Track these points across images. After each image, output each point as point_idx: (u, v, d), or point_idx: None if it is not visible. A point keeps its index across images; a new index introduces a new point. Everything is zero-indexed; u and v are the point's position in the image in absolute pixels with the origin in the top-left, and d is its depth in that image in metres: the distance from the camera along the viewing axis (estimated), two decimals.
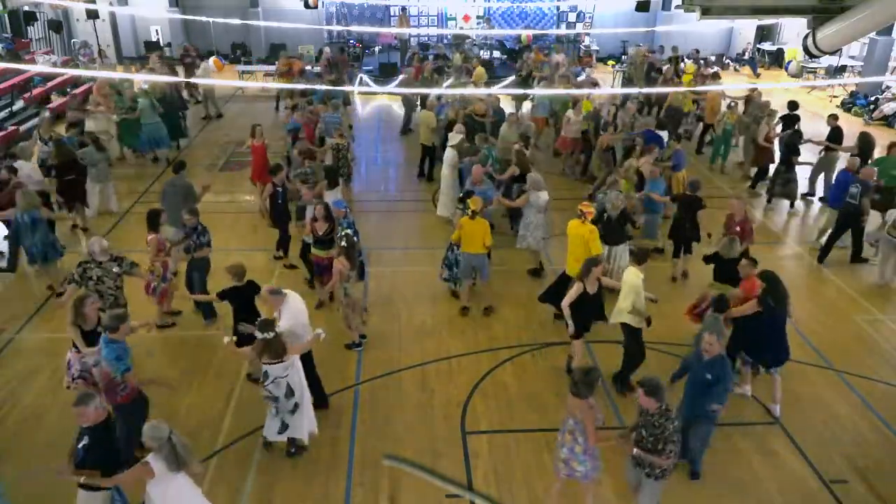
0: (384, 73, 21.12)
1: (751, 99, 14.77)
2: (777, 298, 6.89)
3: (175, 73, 17.86)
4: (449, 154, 11.48)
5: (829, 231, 10.66)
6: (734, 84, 19.70)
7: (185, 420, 7.04)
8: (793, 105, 13.97)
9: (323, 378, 7.74)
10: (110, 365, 5.93)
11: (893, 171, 11.10)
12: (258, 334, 6.07)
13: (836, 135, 12.58)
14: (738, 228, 8.67)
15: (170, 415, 7.09)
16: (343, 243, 7.80)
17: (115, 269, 7.53)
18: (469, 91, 15.05)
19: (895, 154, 11.29)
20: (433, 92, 14.98)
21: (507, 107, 19.42)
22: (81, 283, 7.38)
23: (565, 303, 7.20)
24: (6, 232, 9.87)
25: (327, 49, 20.30)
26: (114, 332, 5.95)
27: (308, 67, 19.18)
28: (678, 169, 11.33)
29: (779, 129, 13.58)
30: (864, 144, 11.90)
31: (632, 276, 7.18)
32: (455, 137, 11.63)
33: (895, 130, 17.78)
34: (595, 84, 16.75)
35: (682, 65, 19.71)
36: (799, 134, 12.68)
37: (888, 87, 19.82)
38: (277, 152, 13.01)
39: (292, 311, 6.65)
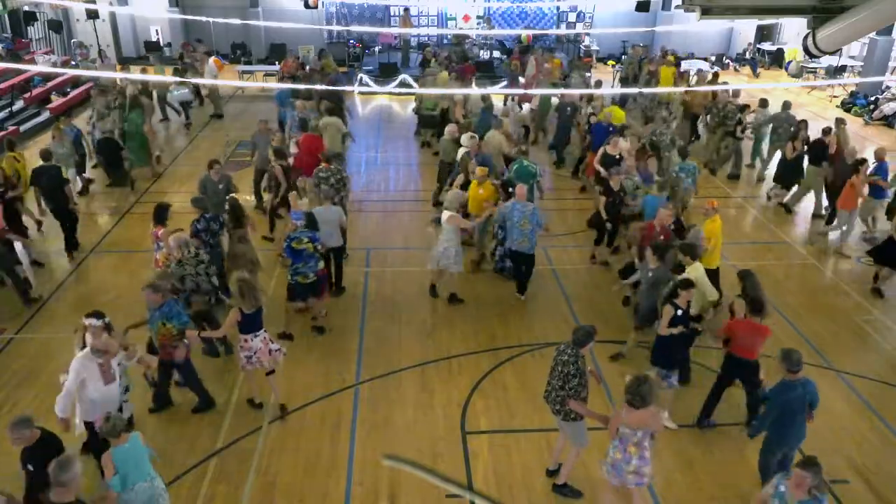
0: (384, 74, 21.13)
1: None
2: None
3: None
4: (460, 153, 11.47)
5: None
6: (734, 84, 19.68)
7: (185, 420, 7.05)
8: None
9: (322, 378, 7.78)
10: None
11: None
12: None
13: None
14: (661, 237, 8.45)
15: (170, 414, 7.13)
16: None
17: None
18: (464, 91, 15.02)
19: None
20: (433, 93, 14.99)
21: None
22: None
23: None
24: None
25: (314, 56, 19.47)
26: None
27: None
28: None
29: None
30: None
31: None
32: (467, 139, 11.63)
33: (895, 130, 17.80)
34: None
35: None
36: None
37: (888, 87, 19.81)
38: None
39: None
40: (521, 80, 19.04)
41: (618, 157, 11.09)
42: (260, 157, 11.60)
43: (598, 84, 16.74)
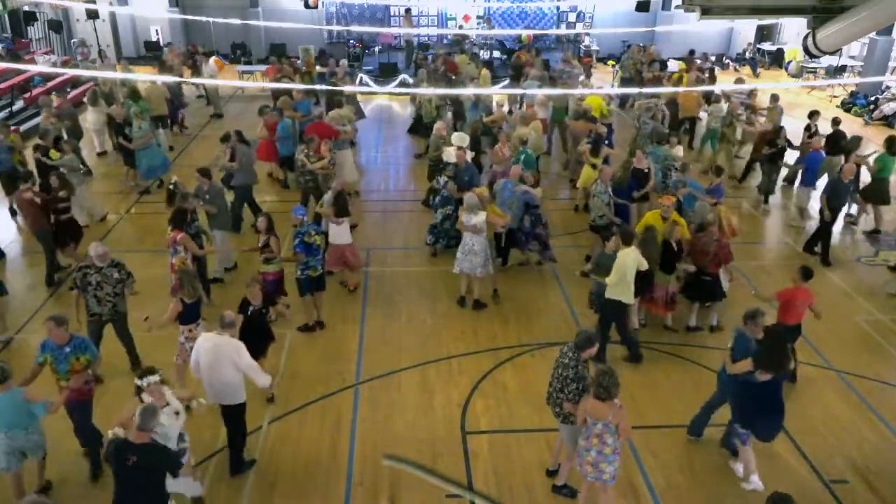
0: (384, 74, 21.13)
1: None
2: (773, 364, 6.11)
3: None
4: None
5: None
6: (733, 84, 19.64)
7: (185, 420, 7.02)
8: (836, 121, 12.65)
9: (323, 378, 7.79)
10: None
11: None
12: None
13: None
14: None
15: None
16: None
17: (115, 276, 7.30)
18: (460, 91, 15.03)
19: None
20: (435, 92, 14.98)
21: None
22: (82, 288, 7.26)
23: None
24: None
25: (344, 61, 19.08)
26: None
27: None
28: None
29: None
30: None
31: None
32: (464, 139, 11.63)
33: (895, 130, 17.79)
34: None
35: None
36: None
37: (888, 87, 19.80)
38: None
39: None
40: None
41: (646, 170, 10.47)
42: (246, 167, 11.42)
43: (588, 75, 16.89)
